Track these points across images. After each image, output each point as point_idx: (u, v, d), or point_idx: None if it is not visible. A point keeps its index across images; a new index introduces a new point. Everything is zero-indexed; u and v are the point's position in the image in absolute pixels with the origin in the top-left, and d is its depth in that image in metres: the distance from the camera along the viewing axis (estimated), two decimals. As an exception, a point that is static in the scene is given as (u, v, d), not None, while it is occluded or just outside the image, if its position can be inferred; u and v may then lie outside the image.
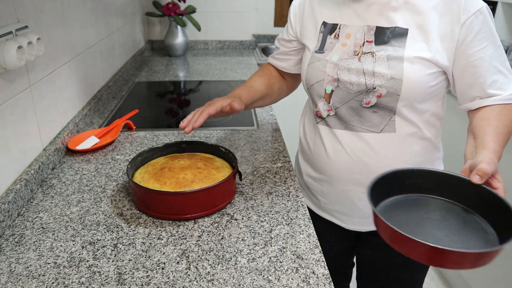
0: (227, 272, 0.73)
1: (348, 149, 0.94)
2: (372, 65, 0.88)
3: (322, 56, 0.94)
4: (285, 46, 1.10)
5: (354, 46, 0.90)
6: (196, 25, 2.49)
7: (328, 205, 1.05)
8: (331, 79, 0.93)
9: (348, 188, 0.98)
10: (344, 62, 0.91)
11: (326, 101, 0.95)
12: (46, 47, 1.10)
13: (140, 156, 0.99)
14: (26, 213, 0.90)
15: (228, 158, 1.00)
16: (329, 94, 0.94)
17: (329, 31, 0.95)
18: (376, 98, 0.89)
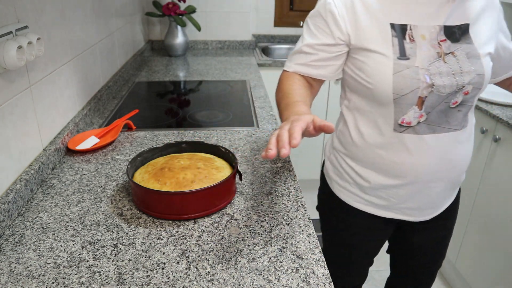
0: (227, 272, 0.73)
1: (438, 151, 0.95)
2: (458, 65, 0.90)
3: (410, 63, 0.88)
4: (328, 51, 0.96)
5: (433, 48, 0.90)
6: (196, 25, 2.49)
7: (399, 204, 1.04)
8: (425, 86, 0.89)
9: (428, 185, 1.00)
10: (433, 66, 0.90)
11: (418, 109, 0.91)
12: (46, 47, 1.10)
13: (140, 156, 0.99)
14: (26, 213, 0.90)
15: (228, 158, 1.00)
16: (423, 100, 0.91)
17: (401, 34, 0.90)
18: (462, 96, 0.92)
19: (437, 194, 1.03)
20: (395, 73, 0.88)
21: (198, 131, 1.34)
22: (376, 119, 0.95)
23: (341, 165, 1.07)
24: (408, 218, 1.07)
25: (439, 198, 1.04)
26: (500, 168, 1.62)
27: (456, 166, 1.00)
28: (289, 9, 2.82)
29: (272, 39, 2.87)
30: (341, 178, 1.08)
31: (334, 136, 1.10)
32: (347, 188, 1.08)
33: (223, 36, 2.73)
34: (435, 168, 0.97)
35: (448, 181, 1.02)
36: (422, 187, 1.00)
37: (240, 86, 1.89)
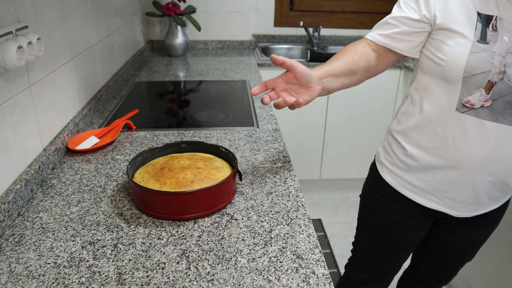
0: (227, 272, 0.73)
1: (495, 141, 0.95)
2: None
3: (488, 47, 0.93)
4: (411, 26, 1.00)
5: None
6: (196, 25, 2.49)
7: (444, 193, 1.05)
8: (497, 71, 0.92)
9: (478, 178, 1.00)
10: (510, 56, 0.91)
11: (485, 92, 0.94)
12: (46, 47, 1.10)
13: (140, 156, 0.99)
14: (26, 213, 0.90)
15: (228, 158, 1.00)
16: (492, 85, 0.93)
17: (486, 22, 0.93)
18: None
19: (484, 190, 1.02)
20: (471, 53, 0.93)
21: (198, 131, 1.34)
22: (441, 98, 0.99)
23: (393, 149, 1.12)
24: (451, 212, 1.08)
25: (485, 195, 1.03)
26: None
27: (509, 165, 0.98)
28: (289, 9, 2.82)
29: (272, 39, 2.87)
30: (392, 163, 1.13)
31: (394, 120, 1.14)
32: (395, 172, 1.12)
33: (223, 36, 2.73)
34: (488, 158, 0.97)
35: (497, 179, 1.00)
36: (470, 177, 1.00)
37: (240, 86, 1.89)
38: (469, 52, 0.94)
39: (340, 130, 2.53)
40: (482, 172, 0.99)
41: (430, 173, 1.05)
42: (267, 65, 2.39)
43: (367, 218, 1.24)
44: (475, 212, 1.08)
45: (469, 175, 1.00)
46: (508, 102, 0.93)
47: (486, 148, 0.96)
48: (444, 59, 0.96)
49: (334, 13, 2.83)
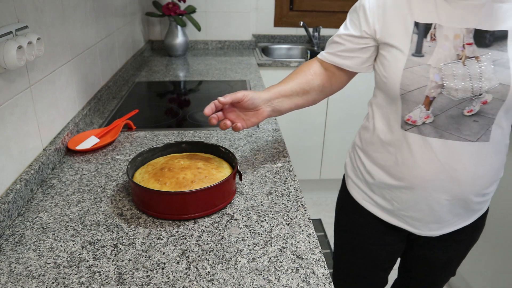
0: (227, 272, 0.73)
1: (442, 158, 0.91)
2: (479, 70, 0.84)
3: (423, 61, 0.88)
4: (354, 42, 1.00)
5: (455, 50, 0.86)
6: (196, 25, 2.49)
7: (402, 211, 1.01)
8: (434, 85, 0.87)
9: (432, 196, 0.95)
10: (448, 67, 0.86)
11: (425, 108, 0.89)
12: (46, 47, 1.10)
13: (140, 156, 0.99)
14: (26, 213, 0.90)
15: (228, 158, 1.00)
16: (430, 101, 0.89)
17: (424, 33, 0.89)
18: (480, 106, 0.85)
19: (443, 209, 0.97)
20: (406, 68, 0.89)
21: (198, 131, 1.34)
22: (388, 114, 0.97)
23: (356, 161, 1.09)
24: (413, 230, 1.03)
25: (447, 214, 0.98)
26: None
27: (463, 182, 0.93)
28: (289, 9, 2.82)
29: (272, 39, 2.87)
30: (356, 175, 1.10)
31: (357, 133, 1.12)
32: (359, 186, 1.08)
33: (223, 36, 2.73)
34: (438, 176, 0.93)
35: (455, 197, 0.95)
36: (424, 195, 0.96)
37: (240, 86, 1.89)
38: (404, 68, 0.90)
39: (340, 130, 2.53)
40: (435, 191, 0.94)
41: (387, 191, 1.01)
42: (267, 65, 2.39)
43: (339, 233, 1.20)
44: (440, 231, 1.02)
45: (423, 194, 0.96)
46: (451, 117, 0.88)
47: (434, 166, 0.92)
48: (385, 75, 0.94)
49: (334, 13, 2.83)
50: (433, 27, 0.88)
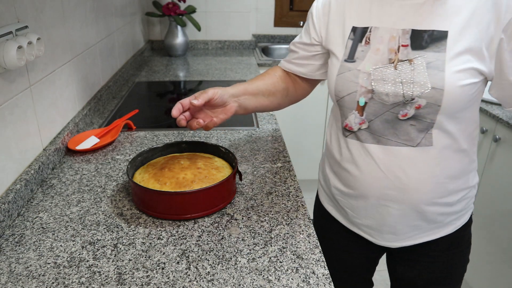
0: (227, 272, 0.73)
1: (382, 164, 0.87)
2: (410, 74, 0.80)
3: (354, 66, 0.86)
4: (306, 50, 1.01)
5: (389, 53, 0.82)
6: (196, 25, 2.49)
7: (357, 219, 0.98)
8: (364, 91, 0.85)
9: (379, 204, 0.91)
10: (378, 71, 0.83)
11: (358, 114, 0.87)
12: (46, 47, 1.10)
13: (140, 156, 0.99)
14: (26, 213, 0.90)
15: (228, 158, 1.00)
16: (363, 106, 0.86)
17: (360, 37, 0.87)
18: (415, 110, 0.81)
19: (394, 218, 0.91)
20: (338, 74, 0.89)
21: (198, 131, 1.34)
22: (334, 121, 0.97)
23: (323, 166, 1.08)
24: (370, 239, 0.98)
25: (399, 224, 0.92)
26: (500, 168, 1.62)
27: (408, 190, 0.87)
28: (289, 9, 2.82)
29: (272, 39, 2.87)
30: (323, 179, 1.08)
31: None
32: (325, 191, 1.06)
33: (223, 36, 2.73)
34: (380, 184, 0.88)
35: (403, 206, 0.89)
36: (373, 204, 0.92)
37: (240, 86, 1.89)
38: (337, 74, 0.89)
39: (340, 130, 2.53)
40: (383, 199, 0.90)
41: (341, 197, 0.99)
42: (267, 65, 2.39)
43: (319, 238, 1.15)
44: (398, 243, 0.95)
45: (372, 202, 0.92)
46: (386, 122, 0.84)
47: (376, 173, 0.88)
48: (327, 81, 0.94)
49: (334, 13, 2.83)
50: (369, 30, 0.85)
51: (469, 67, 0.78)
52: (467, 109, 0.83)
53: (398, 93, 0.81)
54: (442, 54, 0.78)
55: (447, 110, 0.80)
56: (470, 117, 0.86)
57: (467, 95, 0.79)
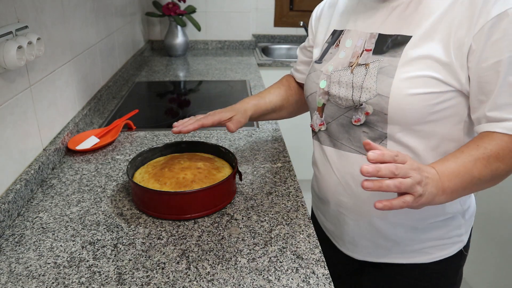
0: (227, 272, 0.73)
1: (336, 169, 0.86)
2: (362, 78, 0.77)
3: (319, 67, 0.87)
4: (306, 55, 1.02)
5: (352, 56, 0.81)
6: (196, 25, 2.49)
7: (324, 222, 0.99)
8: (322, 92, 0.85)
9: (338, 210, 0.90)
10: (336, 74, 0.82)
11: (319, 115, 0.87)
12: (46, 47, 1.10)
13: (140, 156, 0.99)
14: (26, 213, 0.90)
15: (228, 158, 1.00)
16: (321, 107, 0.86)
17: (334, 40, 0.87)
18: (365, 116, 0.78)
19: (352, 228, 0.88)
20: (308, 74, 0.91)
21: (198, 131, 1.34)
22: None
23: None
24: (335, 243, 0.97)
25: (358, 236, 0.89)
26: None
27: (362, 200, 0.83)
28: (289, 9, 2.82)
29: (272, 39, 2.87)
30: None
31: None
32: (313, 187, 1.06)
33: (223, 36, 2.73)
34: (335, 189, 0.87)
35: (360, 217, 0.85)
36: (333, 210, 0.90)
37: (240, 86, 1.89)
38: (307, 74, 0.91)
39: (340, 130, 2.53)
40: (337, 204, 0.88)
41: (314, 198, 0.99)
42: (267, 65, 2.39)
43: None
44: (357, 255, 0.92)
45: (331, 206, 0.90)
46: (341, 125, 0.82)
47: (331, 177, 0.87)
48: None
49: (334, 13, 2.83)
50: (342, 33, 0.85)
51: (424, 75, 0.71)
52: (435, 124, 0.74)
53: (348, 97, 0.79)
54: (396, 59, 0.73)
55: (397, 121, 0.74)
56: (445, 135, 0.76)
57: (421, 106, 0.71)
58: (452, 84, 0.71)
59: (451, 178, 0.65)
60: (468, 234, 0.92)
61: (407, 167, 0.60)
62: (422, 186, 0.61)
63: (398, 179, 0.59)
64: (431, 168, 0.65)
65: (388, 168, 0.58)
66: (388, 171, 0.58)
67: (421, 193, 0.61)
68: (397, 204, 0.59)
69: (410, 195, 0.60)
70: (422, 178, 0.61)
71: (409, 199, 0.60)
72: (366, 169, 0.57)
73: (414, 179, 0.60)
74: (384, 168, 0.58)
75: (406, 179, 0.59)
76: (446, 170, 0.65)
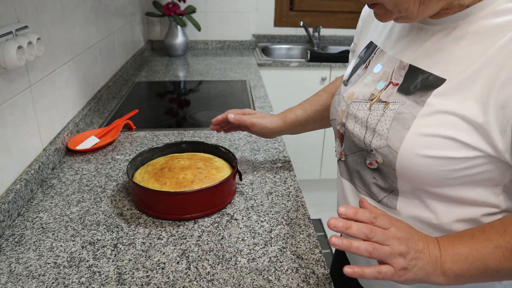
0: (227, 272, 0.73)
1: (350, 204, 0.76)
2: (377, 120, 0.64)
3: (343, 90, 0.75)
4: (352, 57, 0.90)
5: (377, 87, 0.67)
6: (196, 25, 2.49)
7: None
8: (340, 122, 0.74)
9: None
10: (355, 106, 0.69)
11: (339, 143, 0.77)
12: (46, 47, 1.10)
13: (140, 156, 0.99)
14: (26, 213, 0.90)
15: (228, 158, 1.00)
16: (341, 137, 0.75)
17: (366, 57, 0.74)
18: (376, 164, 0.66)
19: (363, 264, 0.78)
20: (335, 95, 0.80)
21: (198, 131, 1.34)
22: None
23: None
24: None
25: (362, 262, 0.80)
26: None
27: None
28: (289, 9, 2.82)
29: (272, 39, 2.87)
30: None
31: None
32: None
33: (223, 36, 2.73)
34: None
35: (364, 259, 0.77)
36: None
37: (240, 86, 1.89)
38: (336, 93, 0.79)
39: (340, 130, 2.53)
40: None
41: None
42: (267, 65, 2.39)
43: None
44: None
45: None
46: (356, 163, 0.71)
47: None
48: None
49: (334, 13, 2.83)
50: (374, 51, 0.72)
51: (445, 135, 0.56)
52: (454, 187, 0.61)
53: (360, 138, 0.68)
54: (417, 108, 0.59)
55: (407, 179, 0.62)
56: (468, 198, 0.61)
57: (436, 170, 0.58)
58: (483, 149, 0.56)
59: (455, 261, 0.55)
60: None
61: (388, 233, 0.53)
62: (407, 259, 0.53)
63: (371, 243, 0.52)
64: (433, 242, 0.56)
65: (360, 228, 0.52)
66: (360, 232, 0.52)
67: (405, 266, 0.53)
68: (370, 273, 0.52)
69: (389, 266, 0.52)
70: (408, 250, 0.53)
71: (387, 270, 0.52)
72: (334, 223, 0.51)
73: (393, 249, 0.52)
74: (356, 227, 0.52)
75: (383, 247, 0.52)
76: (452, 250, 0.55)
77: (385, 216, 0.55)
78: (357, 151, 0.70)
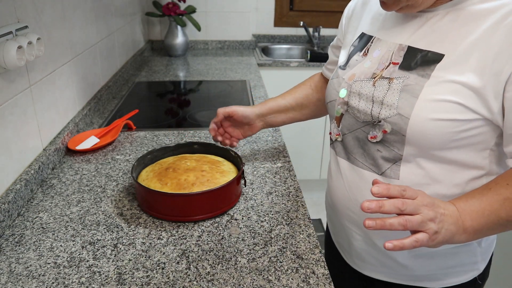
0: (227, 272, 0.73)
1: (347, 182, 0.82)
2: (384, 93, 0.71)
3: (342, 74, 0.82)
4: (336, 54, 0.98)
5: (377, 67, 0.75)
6: (196, 25, 2.49)
7: (336, 236, 0.96)
8: (341, 102, 0.80)
9: (347, 224, 0.86)
10: (357, 84, 0.77)
11: (336, 124, 0.83)
12: (46, 47, 1.10)
13: (150, 154, 0.99)
14: (26, 213, 0.90)
15: (236, 162, 0.98)
16: (339, 117, 0.81)
17: (362, 46, 0.81)
18: (382, 134, 0.73)
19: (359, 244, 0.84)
20: (330, 79, 0.88)
21: (198, 131, 1.34)
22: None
23: None
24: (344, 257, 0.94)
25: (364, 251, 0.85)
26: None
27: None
28: (289, 9, 2.82)
29: (272, 39, 2.87)
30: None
31: None
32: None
33: (223, 36, 2.73)
34: (347, 204, 0.83)
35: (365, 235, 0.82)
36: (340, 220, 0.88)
37: (240, 86, 1.89)
38: (330, 78, 0.87)
39: (340, 130, 2.53)
40: (345, 217, 0.85)
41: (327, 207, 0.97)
42: (267, 65, 2.39)
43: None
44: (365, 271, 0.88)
45: (338, 217, 0.87)
46: (357, 139, 0.78)
47: (342, 190, 0.83)
48: None
49: (334, 13, 2.83)
50: (371, 41, 0.80)
51: (451, 100, 0.65)
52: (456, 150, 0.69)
53: (367, 112, 0.74)
54: (423, 80, 0.68)
55: (414, 144, 0.69)
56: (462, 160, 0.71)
57: (443, 132, 0.66)
58: (481, 113, 0.65)
59: (474, 217, 0.61)
60: (485, 263, 0.84)
61: (417, 202, 0.56)
62: (436, 223, 0.57)
63: (403, 216, 0.55)
64: (450, 204, 0.61)
65: (393, 203, 0.55)
66: (393, 207, 0.55)
67: (436, 230, 0.57)
68: (409, 243, 0.55)
69: (423, 233, 0.56)
70: (435, 215, 0.57)
71: (423, 237, 0.56)
72: (367, 205, 0.54)
73: (424, 216, 0.56)
74: (388, 204, 0.55)
75: (414, 216, 0.56)
76: (469, 208, 0.61)
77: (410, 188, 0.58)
78: (358, 127, 0.77)
